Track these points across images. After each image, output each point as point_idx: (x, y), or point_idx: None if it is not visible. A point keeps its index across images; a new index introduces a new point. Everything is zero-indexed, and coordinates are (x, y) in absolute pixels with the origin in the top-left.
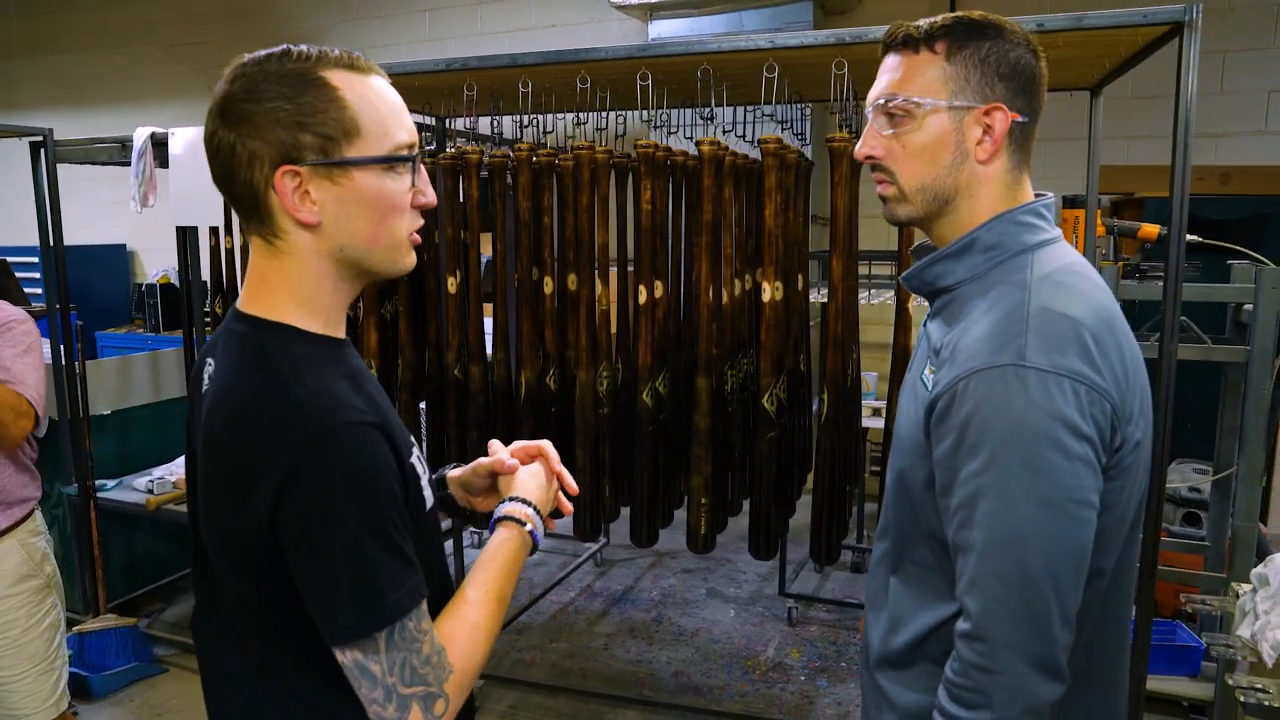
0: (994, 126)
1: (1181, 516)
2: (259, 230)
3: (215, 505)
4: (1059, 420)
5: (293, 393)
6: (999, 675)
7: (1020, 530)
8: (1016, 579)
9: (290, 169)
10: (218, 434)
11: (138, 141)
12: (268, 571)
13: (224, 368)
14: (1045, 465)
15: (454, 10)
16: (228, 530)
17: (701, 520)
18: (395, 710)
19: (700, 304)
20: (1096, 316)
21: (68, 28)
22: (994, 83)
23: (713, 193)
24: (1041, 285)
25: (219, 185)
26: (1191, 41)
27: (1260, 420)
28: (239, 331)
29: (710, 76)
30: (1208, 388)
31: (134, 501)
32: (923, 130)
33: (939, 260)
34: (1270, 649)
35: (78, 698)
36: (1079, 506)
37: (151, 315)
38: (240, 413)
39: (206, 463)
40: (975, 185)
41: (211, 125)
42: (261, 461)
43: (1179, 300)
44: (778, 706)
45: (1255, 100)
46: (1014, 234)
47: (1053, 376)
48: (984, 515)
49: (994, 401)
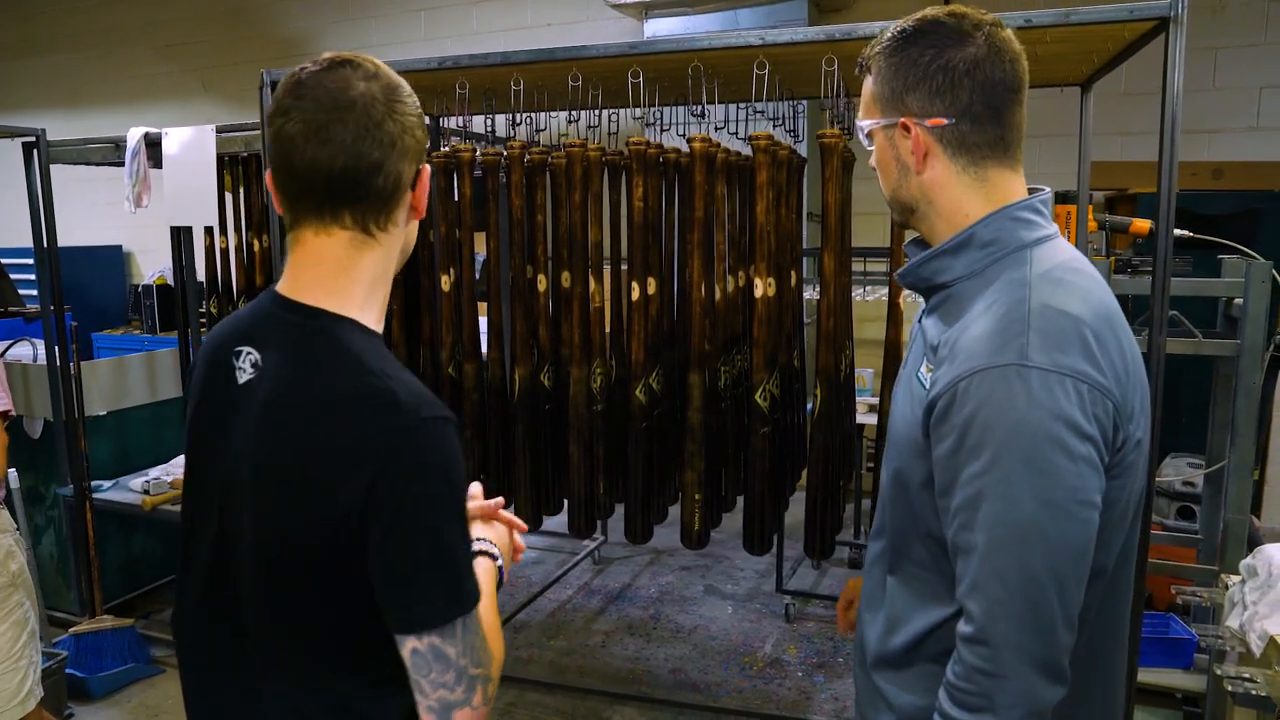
0: (910, 139)
1: (1175, 510)
2: (371, 221)
3: (289, 498)
4: (1062, 420)
5: (386, 384)
6: (1002, 679)
7: (1023, 532)
8: (1019, 581)
9: (429, 167)
10: (297, 424)
11: (131, 141)
12: (338, 566)
13: (294, 358)
14: (1048, 466)
15: (449, 10)
16: (305, 523)
17: (695, 516)
18: (464, 691)
19: (693, 300)
20: (1096, 314)
21: (62, 28)
22: (902, 97)
23: (705, 189)
24: (1041, 282)
25: (350, 181)
26: (1177, 36)
27: (1251, 413)
28: (300, 323)
29: (702, 74)
30: (1201, 383)
31: (130, 502)
32: (876, 150)
33: (936, 256)
34: (1258, 639)
35: (74, 699)
36: (1082, 507)
37: (148, 316)
38: (333, 402)
39: (275, 454)
40: (929, 192)
41: (362, 121)
42: (356, 450)
43: (1167, 294)
44: (775, 703)
45: (1247, 96)
46: (1011, 230)
47: (1055, 376)
48: (986, 517)
49: (996, 401)
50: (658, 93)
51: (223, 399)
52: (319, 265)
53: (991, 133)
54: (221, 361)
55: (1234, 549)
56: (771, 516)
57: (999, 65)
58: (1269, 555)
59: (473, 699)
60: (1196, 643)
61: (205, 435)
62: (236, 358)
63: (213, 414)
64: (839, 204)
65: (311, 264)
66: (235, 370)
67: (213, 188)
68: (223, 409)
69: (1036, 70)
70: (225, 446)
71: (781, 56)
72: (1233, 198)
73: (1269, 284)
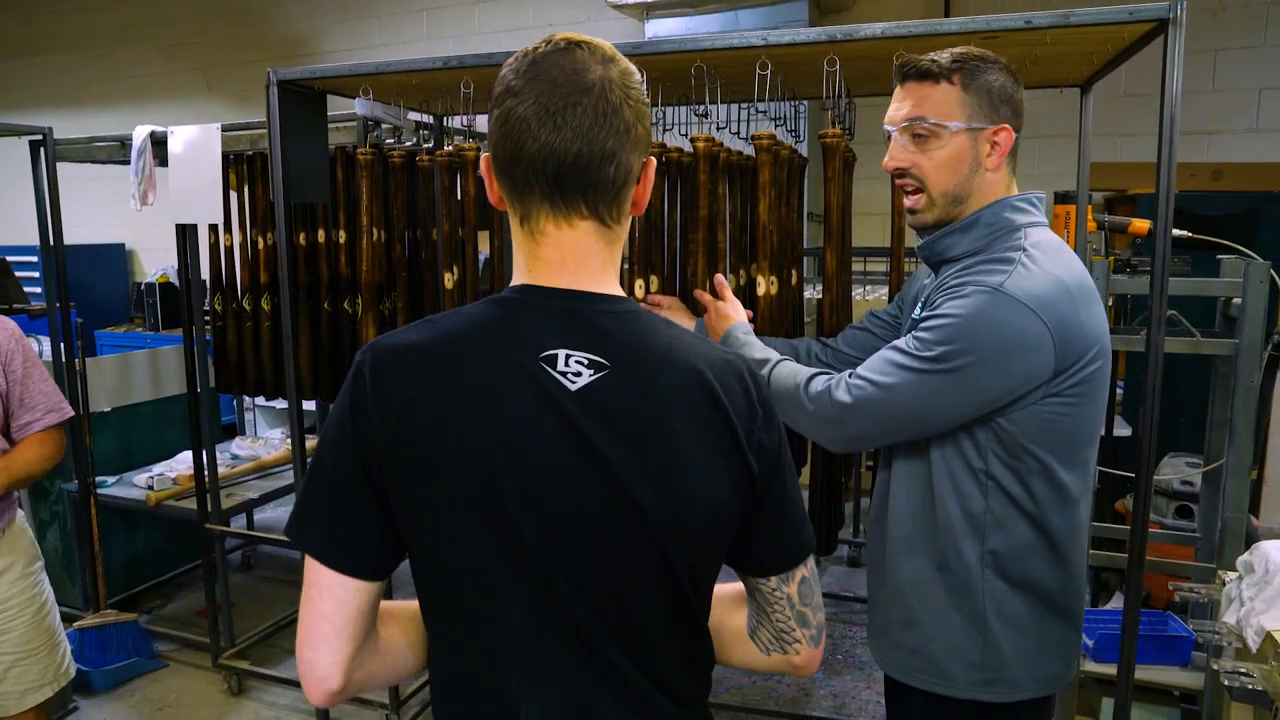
0: (999, 142)
1: (1174, 510)
2: (606, 214)
3: (695, 477)
4: (1020, 335)
5: (731, 353)
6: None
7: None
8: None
9: (653, 159)
10: (685, 403)
11: (137, 140)
12: (732, 527)
13: (634, 344)
14: (1011, 361)
15: (451, 10)
16: (717, 497)
17: None
18: (816, 613)
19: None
20: (1070, 276)
21: (64, 28)
22: (999, 107)
23: (708, 188)
24: (1034, 248)
25: (584, 168)
26: (1176, 38)
27: (1249, 412)
28: (619, 311)
29: (704, 74)
30: (1200, 383)
31: (134, 498)
32: (947, 147)
33: (950, 234)
34: (1254, 634)
35: (78, 692)
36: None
37: (150, 314)
38: (716, 376)
39: (663, 441)
40: (985, 188)
41: (601, 107)
42: (742, 414)
43: (1165, 293)
44: (774, 699)
45: (1247, 98)
46: (1010, 213)
47: (1021, 298)
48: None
49: (980, 308)
50: (660, 93)
51: (555, 419)
52: (583, 257)
53: (1016, 144)
54: (521, 375)
55: (1232, 547)
56: None
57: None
58: (1266, 552)
59: (818, 639)
60: (1194, 640)
61: (534, 467)
62: (552, 364)
63: (541, 439)
64: (840, 203)
65: (571, 258)
66: (559, 378)
67: (218, 185)
68: (562, 429)
69: (1037, 71)
70: (590, 469)
71: (783, 57)
72: (1232, 199)
73: (1267, 284)
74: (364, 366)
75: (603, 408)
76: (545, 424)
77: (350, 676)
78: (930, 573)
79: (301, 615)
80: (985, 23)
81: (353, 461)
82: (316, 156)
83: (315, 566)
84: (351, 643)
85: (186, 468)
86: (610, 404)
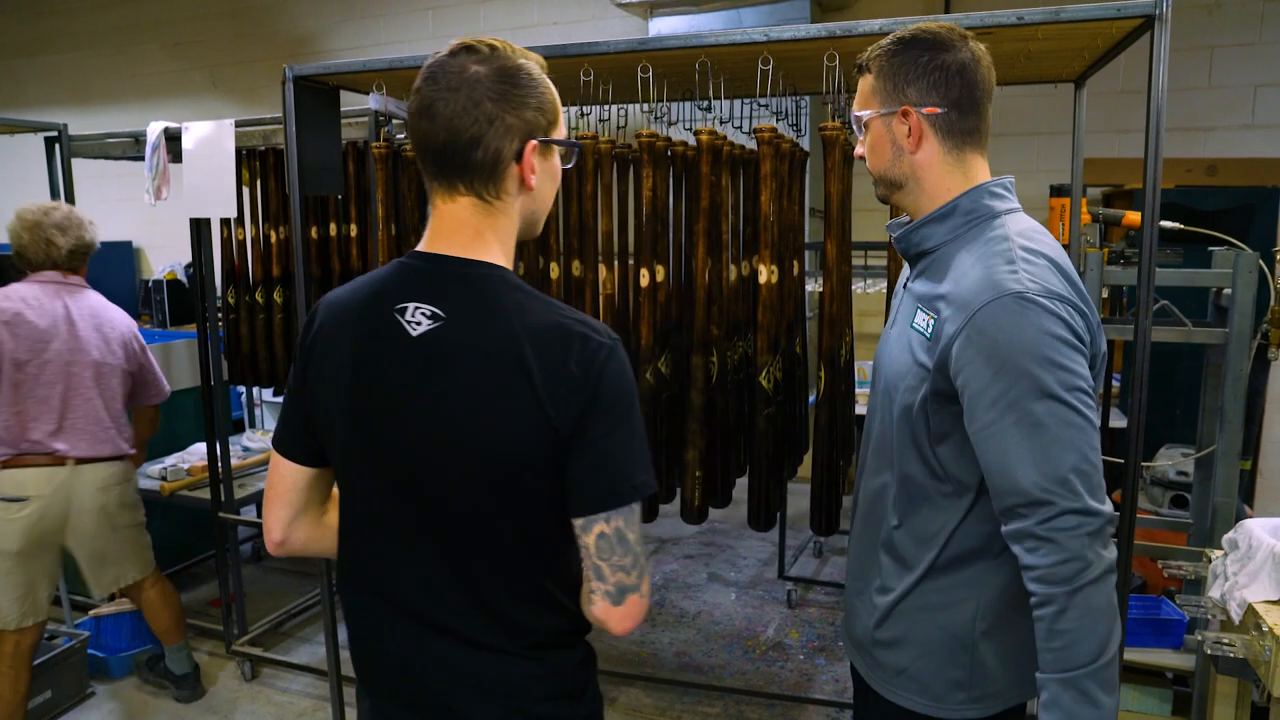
0: (911, 124)
1: (1169, 499)
2: (483, 191)
3: (505, 420)
4: (1064, 327)
5: (578, 318)
6: (1092, 535)
7: (1065, 416)
8: (1078, 456)
9: (534, 143)
10: (508, 358)
11: (151, 135)
12: (550, 469)
13: (477, 302)
14: (1066, 361)
15: (457, 8)
16: (522, 440)
17: (695, 492)
18: (636, 577)
19: (698, 287)
20: (1060, 258)
21: (72, 27)
22: (903, 89)
23: (711, 180)
24: (1018, 238)
25: (453, 151)
26: (1163, 33)
27: (1238, 400)
28: (471, 273)
29: (709, 69)
30: (1195, 375)
31: (148, 488)
32: (870, 135)
33: (925, 224)
34: (1237, 607)
35: (95, 678)
36: (1087, 394)
37: (158, 310)
38: (541, 336)
39: (483, 388)
40: (919, 170)
41: (461, 100)
42: (578, 377)
43: (1153, 280)
44: (777, 684)
45: (1242, 94)
46: (987, 201)
47: (1047, 299)
48: (1030, 416)
49: (1009, 323)
50: (666, 88)
51: (396, 355)
52: (461, 228)
53: (971, 123)
54: (379, 321)
55: (1222, 531)
56: (774, 495)
57: (979, 70)
58: (1249, 529)
59: (642, 586)
60: (1186, 623)
61: (378, 392)
62: (401, 314)
63: (384, 370)
64: (840, 194)
65: (450, 228)
66: (404, 325)
67: (232, 180)
68: (399, 363)
69: (1030, 67)
70: (415, 396)
71: (785, 53)
72: (1227, 193)
73: (1256, 274)
74: (312, 311)
75: (432, 353)
76: (388, 360)
77: (288, 535)
78: (913, 583)
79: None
80: (980, 19)
81: (296, 382)
82: (330, 150)
83: (273, 452)
84: (289, 509)
85: (199, 459)
86: (439, 350)
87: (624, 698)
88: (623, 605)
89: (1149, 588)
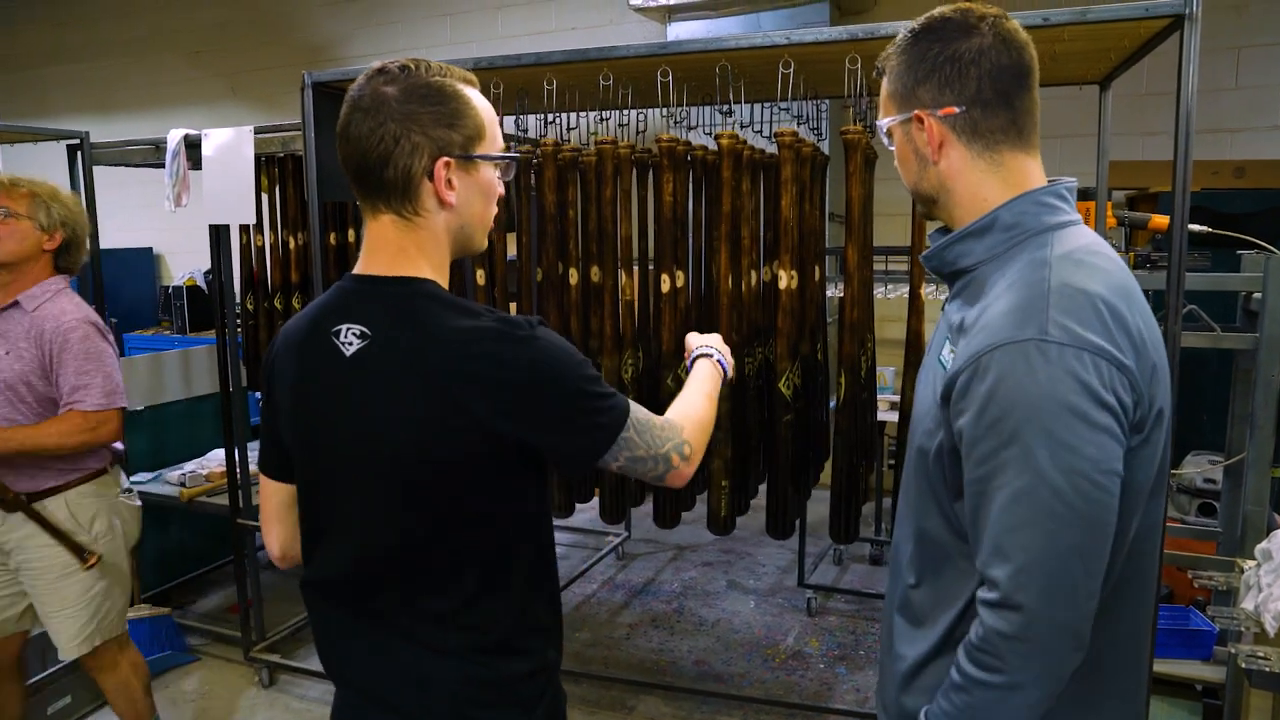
0: (925, 130)
1: (1197, 507)
2: (400, 209)
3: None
4: (1081, 392)
5: (491, 320)
6: (1027, 643)
7: (1047, 502)
8: (1044, 551)
9: (446, 160)
10: (430, 368)
11: (172, 143)
12: (489, 473)
13: (400, 319)
14: (1070, 436)
15: (475, 14)
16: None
17: (722, 502)
18: (662, 467)
19: (719, 292)
20: (1114, 291)
21: (95, 37)
22: (914, 91)
23: (731, 185)
24: (1062, 263)
25: (366, 171)
26: (1192, 33)
27: (1269, 406)
28: (389, 291)
29: (729, 73)
30: (1223, 381)
31: (167, 495)
32: (896, 146)
33: (959, 240)
34: (1272, 619)
35: None
36: (1105, 476)
37: (178, 316)
38: (455, 344)
39: (413, 399)
40: (947, 181)
41: (369, 122)
42: (496, 378)
43: (1182, 284)
44: (797, 693)
45: (1270, 95)
46: (1034, 214)
47: (1073, 350)
48: (1009, 487)
49: (1016, 375)
50: (685, 92)
51: (331, 375)
52: (385, 246)
53: (1003, 118)
54: (318, 344)
55: (1253, 540)
56: (794, 503)
57: (1005, 52)
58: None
59: (670, 465)
60: (1216, 634)
61: (318, 411)
62: (337, 335)
63: (323, 390)
64: (862, 199)
65: (377, 246)
66: (339, 346)
67: (251, 187)
68: (334, 382)
69: (1055, 69)
70: (347, 413)
71: (805, 56)
72: (1255, 196)
73: None
74: (274, 338)
75: (363, 370)
76: (324, 381)
77: (287, 549)
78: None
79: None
80: None
81: (264, 405)
82: None
83: (261, 475)
84: (282, 524)
85: (218, 465)
86: (368, 369)
87: (642, 706)
88: (674, 470)
89: (1175, 597)
